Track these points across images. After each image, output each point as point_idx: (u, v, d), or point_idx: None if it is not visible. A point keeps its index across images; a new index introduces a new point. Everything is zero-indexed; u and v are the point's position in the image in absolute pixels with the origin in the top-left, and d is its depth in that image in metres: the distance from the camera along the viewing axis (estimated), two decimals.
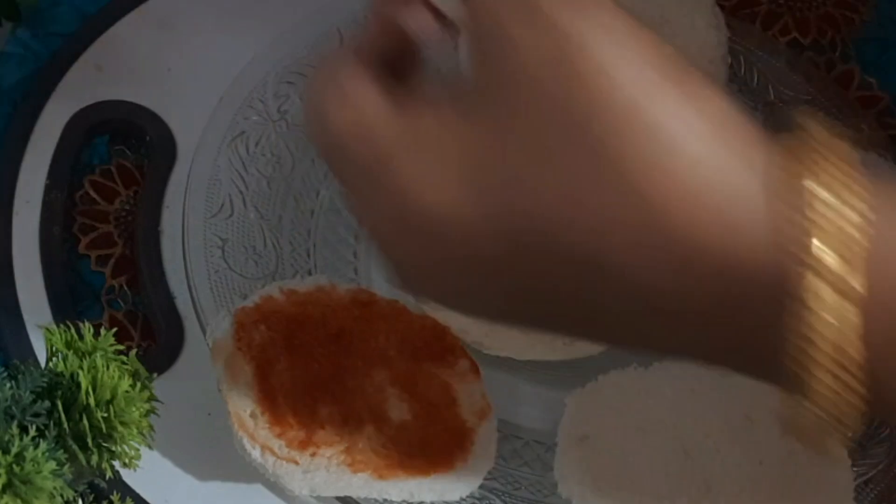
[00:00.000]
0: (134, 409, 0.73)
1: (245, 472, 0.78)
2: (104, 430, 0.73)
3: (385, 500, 0.79)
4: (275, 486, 0.78)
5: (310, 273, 0.89)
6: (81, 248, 0.90)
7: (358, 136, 0.57)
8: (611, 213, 0.52)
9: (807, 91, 1.00)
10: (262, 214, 0.90)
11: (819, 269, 0.50)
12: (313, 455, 0.77)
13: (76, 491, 0.76)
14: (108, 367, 0.73)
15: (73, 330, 0.76)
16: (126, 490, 0.80)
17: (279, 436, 0.77)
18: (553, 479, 0.83)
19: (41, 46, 0.97)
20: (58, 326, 0.76)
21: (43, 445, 0.70)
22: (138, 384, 0.75)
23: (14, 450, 0.70)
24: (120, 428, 0.73)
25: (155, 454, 0.79)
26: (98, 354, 0.74)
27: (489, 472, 0.82)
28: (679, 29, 0.99)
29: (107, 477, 0.75)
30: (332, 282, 0.84)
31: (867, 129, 0.99)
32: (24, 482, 0.69)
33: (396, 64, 0.59)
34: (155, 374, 0.78)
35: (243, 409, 0.78)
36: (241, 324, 0.80)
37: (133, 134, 0.94)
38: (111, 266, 0.90)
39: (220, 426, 0.79)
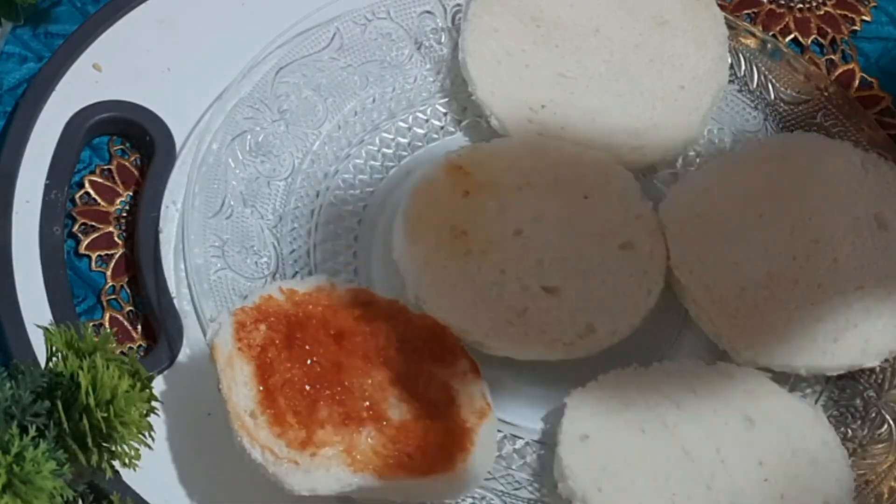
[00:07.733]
0: (134, 409, 0.73)
1: (245, 472, 0.79)
2: (104, 430, 0.73)
3: (385, 500, 0.79)
4: (275, 486, 0.78)
5: (310, 273, 0.89)
6: (81, 249, 0.90)
7: None
8: None
9: (807, 91, 1.00)
10: (261, 214, 0.90)
11: None
12: (313, 455, 0.77)
13: (76, 491, 0.76)
14: (108, 367, 0.73)
15: (73, 330, 0.76)
16: (126, 490, 0.80)
17: (279, 436, 0.77)
18: (553, 479, 0.83)
19: (41, 46, 0.98)
20: (58, 326, 0.76)
21: (43, 445, 0.70)
22: (138, 384, 0.75)
23: (14, 450, 0.70)
24: (120, 428, 0.73)
25: (155, 454, 0.79)
26: (98, 354, 0.74)
27: (489, 472, 0.82)
28: (679, 29, 0.99)
29: (107, 477, 0.75)
30: (332, 282, 0.84)
31: (867, 129, 0.99)
32: (24, 482, 0.69)
33: None
34: (155, 374, 0.78)
35: (243, 409, 0.78)
36: (241, 324, 0.80)
37: (133, 134, 0.94)
38: (111, 266, 0.90)
39: (220, 426, 0.79)
